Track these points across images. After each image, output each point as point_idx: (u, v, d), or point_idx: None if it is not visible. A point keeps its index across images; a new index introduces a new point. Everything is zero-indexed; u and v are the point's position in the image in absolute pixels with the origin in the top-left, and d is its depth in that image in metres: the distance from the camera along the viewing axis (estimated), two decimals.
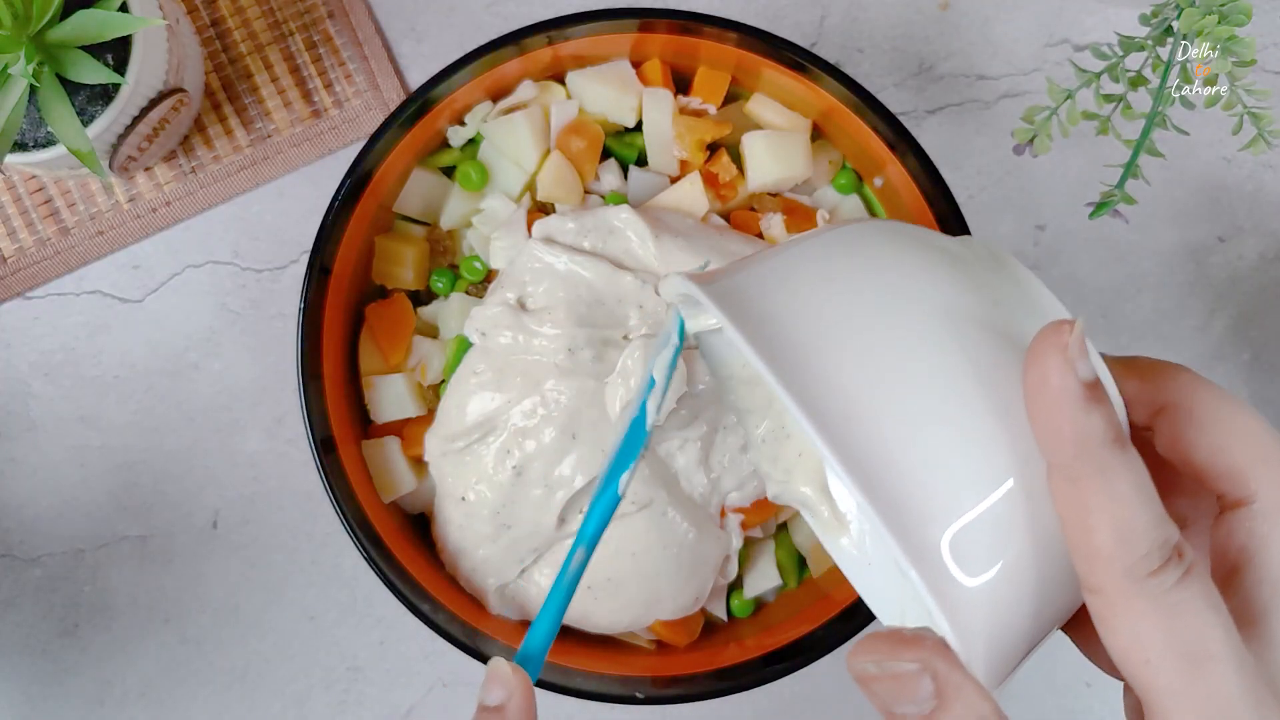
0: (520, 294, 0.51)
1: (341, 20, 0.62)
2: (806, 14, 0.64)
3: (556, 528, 0.51)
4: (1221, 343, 0.66)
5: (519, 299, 0.51)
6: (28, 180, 0.61)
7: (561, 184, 0.54)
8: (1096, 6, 0.64)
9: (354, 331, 0.56)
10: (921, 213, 0.54)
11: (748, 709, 0.64)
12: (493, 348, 0.51)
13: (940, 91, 0.64)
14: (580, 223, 0.52)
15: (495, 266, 0.54)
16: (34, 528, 0.62)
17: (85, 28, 0.48)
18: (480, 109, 0.55)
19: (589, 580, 0.53)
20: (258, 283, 0.63)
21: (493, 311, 0.51)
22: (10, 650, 0.62)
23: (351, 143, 0.62)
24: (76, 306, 0.62)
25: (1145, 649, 0.26)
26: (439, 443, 0.52)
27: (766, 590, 0.58)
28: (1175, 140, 0.57)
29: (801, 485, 0.41)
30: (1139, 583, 0.26)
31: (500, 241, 0.53)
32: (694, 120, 0.55)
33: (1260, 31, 0.65)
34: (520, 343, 0.51)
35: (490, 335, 0.51)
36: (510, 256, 0.53)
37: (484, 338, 0.51)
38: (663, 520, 0.52)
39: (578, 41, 0.53)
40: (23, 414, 0.62)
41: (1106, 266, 0.65)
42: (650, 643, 0.57)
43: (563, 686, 0.52)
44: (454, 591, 0.54)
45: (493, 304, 0.51)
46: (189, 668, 0.63)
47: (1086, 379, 0.26)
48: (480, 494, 0.51)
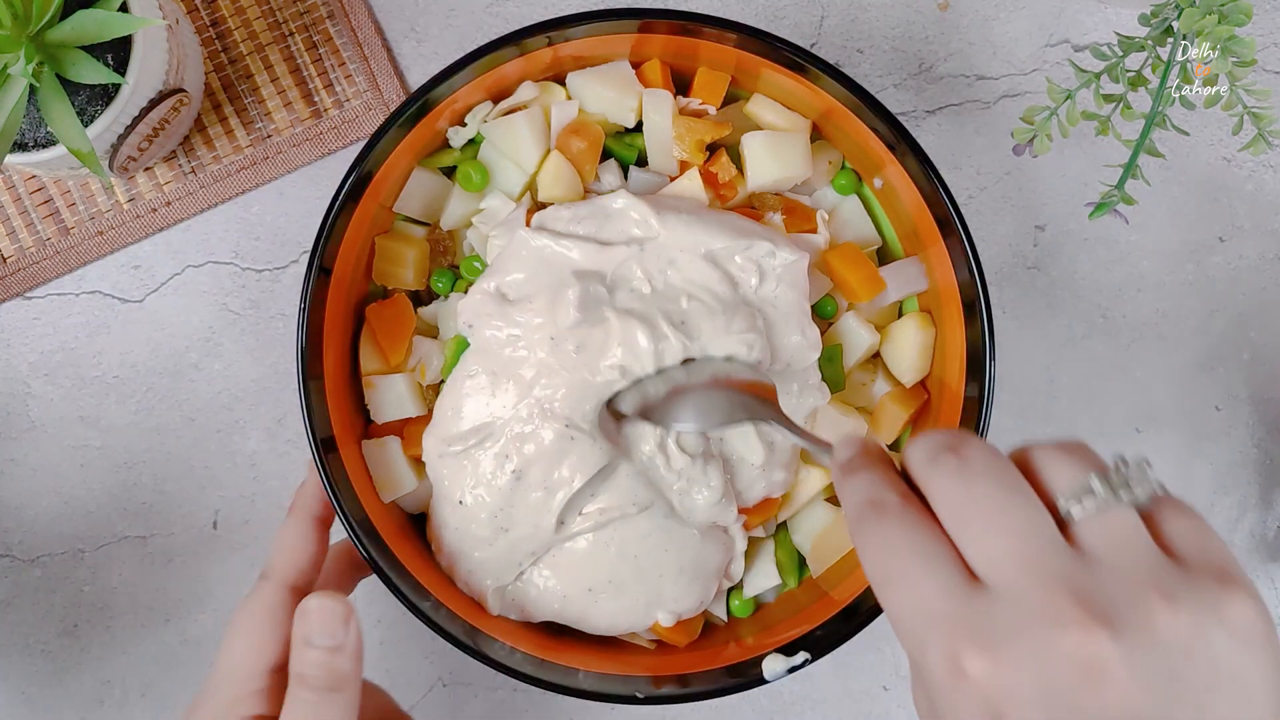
0: (500, 282, 0.51)
1: (342, 21, 0.62)
2: (806, 14, 0.64)
3: (555, 530, 0.51)
4: (1221, 343, 0.66)
5: (498, 286, 0.51)
6: (28, 180, 0.61)
7: (561, 184, 0.54)
8: (1096, 7, 0.64)
9: (354, 331, 0.56)
10: (921, 213, 0.54)
11: (748, 709, 0.64)
12: (483, 344, 0.51)
13: (940, 91, 0.64)
14: (575, 210, 0.52)
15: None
16: (34, 528, 0.62)
17: (85, 28, 0.48)
18: (480, 109, 0.55)
19: (589, 582, 0.53)
20: (258, 283, 0.63)
21: (473, 300, 0.51)
22: (10, 650, 0.62)
23: (352, 143, 0.62)
24: (76, 306, 0.62)
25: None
26: (436, 444, 0.52)
27: (766, 590, 0.58)
28: (1175, 140, 0.57)
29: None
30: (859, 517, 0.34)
31: (498, 240, 0.53)
32: (694, 121, 0.55)
33: (1260, 31, 0.65)
34: (506, 336, 0.51)
35: (477, 327, 0.51)
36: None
37: (472, 330, 0.51)
38: (665, 524, 0.52)
39: (578, 42, 0.53)
40: (23, 414, 0.62)
41: (1106, 266, 0.65)
42: (650, 643, 0.57)
43: (563, 686, 0.52)
44: (454, 591, 0.54)
45: (474, 292, 0.51)
46: (189, 668, 0.63)
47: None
48: (478, 498, 0.51)
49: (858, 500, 0.35)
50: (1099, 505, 0.32)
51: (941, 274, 0.54)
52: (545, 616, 0.54)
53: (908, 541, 0.33)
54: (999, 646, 0.30)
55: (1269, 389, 0.66)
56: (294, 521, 0.50)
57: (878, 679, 0.64)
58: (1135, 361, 0.66)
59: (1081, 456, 0.33)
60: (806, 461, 0.56)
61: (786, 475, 0.55)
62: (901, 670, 0.64)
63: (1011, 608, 0.31)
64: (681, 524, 0.53)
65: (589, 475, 0.50)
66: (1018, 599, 0.31)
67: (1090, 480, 0.32)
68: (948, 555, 0.32)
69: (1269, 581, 0.66)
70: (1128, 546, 0.32)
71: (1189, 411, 0.66)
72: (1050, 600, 0.30)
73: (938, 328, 0.56)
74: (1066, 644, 0.30)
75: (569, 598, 0.53)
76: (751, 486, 0.54)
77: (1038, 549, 0.31)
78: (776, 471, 0.54)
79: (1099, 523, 0.32)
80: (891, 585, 0.33)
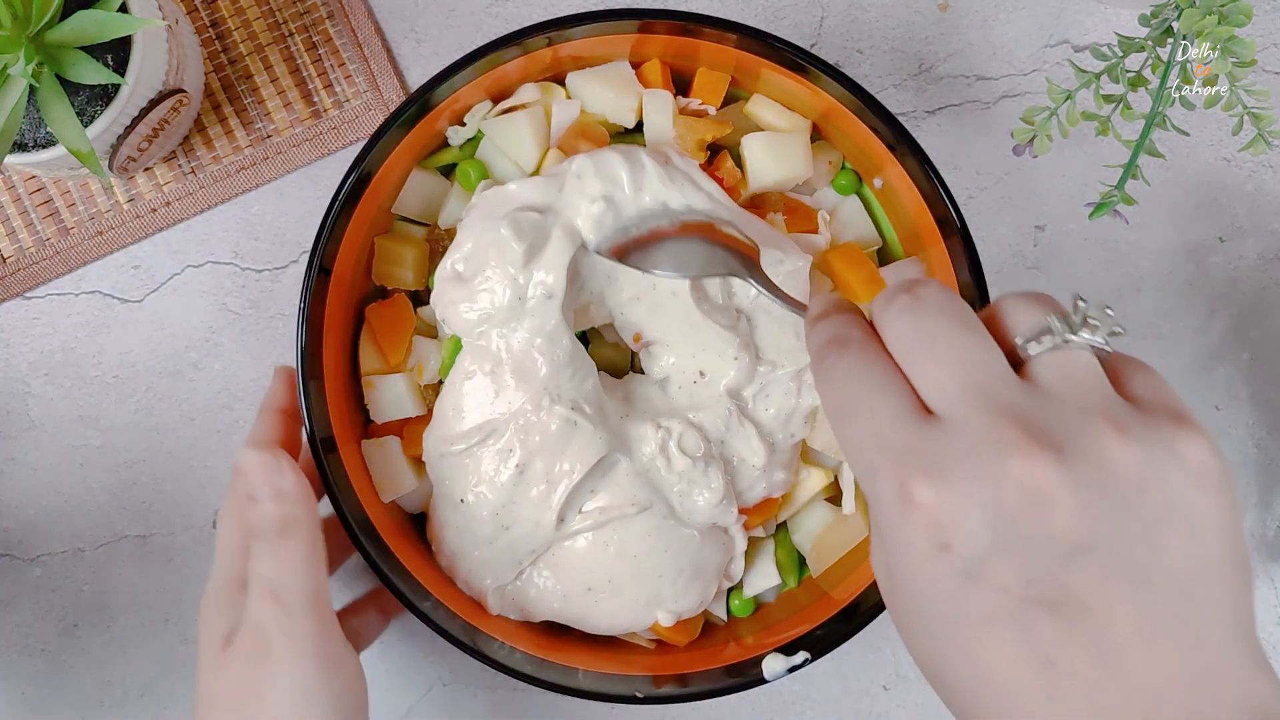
0: (454, 259, 0.51)
1: (341, 21, 0.62)
2: (806, 15, 0.64)
3: (556, 527, 0.51)
4: (1221, 343, 0.66)
5: (453, 265, 0.51)
6: (28, 180, 0.61)
7: None
8: (1096, 7, 0.64)
9: (354, 331, 0.56)
10: (921, 213, 0.54)
11: (747, 709, 0.64)
12: (471, 337, 0.51)
13: (940, 92, 0.64)
14: (535, 179, 0.52)
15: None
16: (34, 528, 0.62)
17: (85, 28, 0.48)
18: (480, 109, 0.55)
19: (589, 581, 0.53)
20: (258, 283, 0.63)
21: (437, 290, 0.52)
22: (10, 650, 0.62)
23: (352, 143, 0.62)
24: (76, 306, 0.62)
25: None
26: (437, 444, 0.52)
27: (766, 590, 0.58)
28: (1175, 140, 0.57)
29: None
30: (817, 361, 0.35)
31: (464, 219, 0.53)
32: (694, 121, 0.55)
33: (1260, 31, 0.65)
34: (477, 318, 0.51)
35: (450, 319, 0.51)
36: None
37: (445, 323, 0.52)
38: (664, 524, 0.52)
39: (578, 42, 0.53)
40: (23, 414, 0.62)
41: (1106, 266, 0.65)
42: (650, 642, 0.57)
43: (562, 686, 0.52)
44: (454, 591, 0.54)
45: (436, 281, 0.52)
46: (189, 668, 0.63)
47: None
48: (479, 496, 0.51)
49: (822, 339, 0.35)
50: (1054, 343, 0.32)
51: (942, 275, 0.54)
52: (545, 616, 0.54)
53: (863, 372, 0.33)
54: (945, 473, 0.30)
55: (1269, 389, 0.66)
56: (262, 416, 0.51)
57: (878, 679, 0.64)
58: None
59: (1044, 303, 0.33)
60: (806, 461, 0.56)
61: (787, 475, 0.55)
62: (901, 670, 0.64)
63: (959, 436, 0.31)
64: (682, 525, 0.53)
65: (589, 465, 0.50)
66: (965, 428, 0.31)
67: (1048, 320, 0.32)
68: (901, 387, 0.32)
69: (1269, 581, 0.66)
70: (1081, 381, 0.32)
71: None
72: (996, 427, 0.30)
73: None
74: (1013, 470, 0.30)
75: (568, 597, 0.53)
76: (752, 487, 0.54)
77: (987, 380, 0.31)
78: (777, 472, 0.54)
79: (1053, 358, 0.32)
80: (845, 415, 0.33)
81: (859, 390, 0.33)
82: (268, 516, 0.45)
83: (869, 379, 0.33)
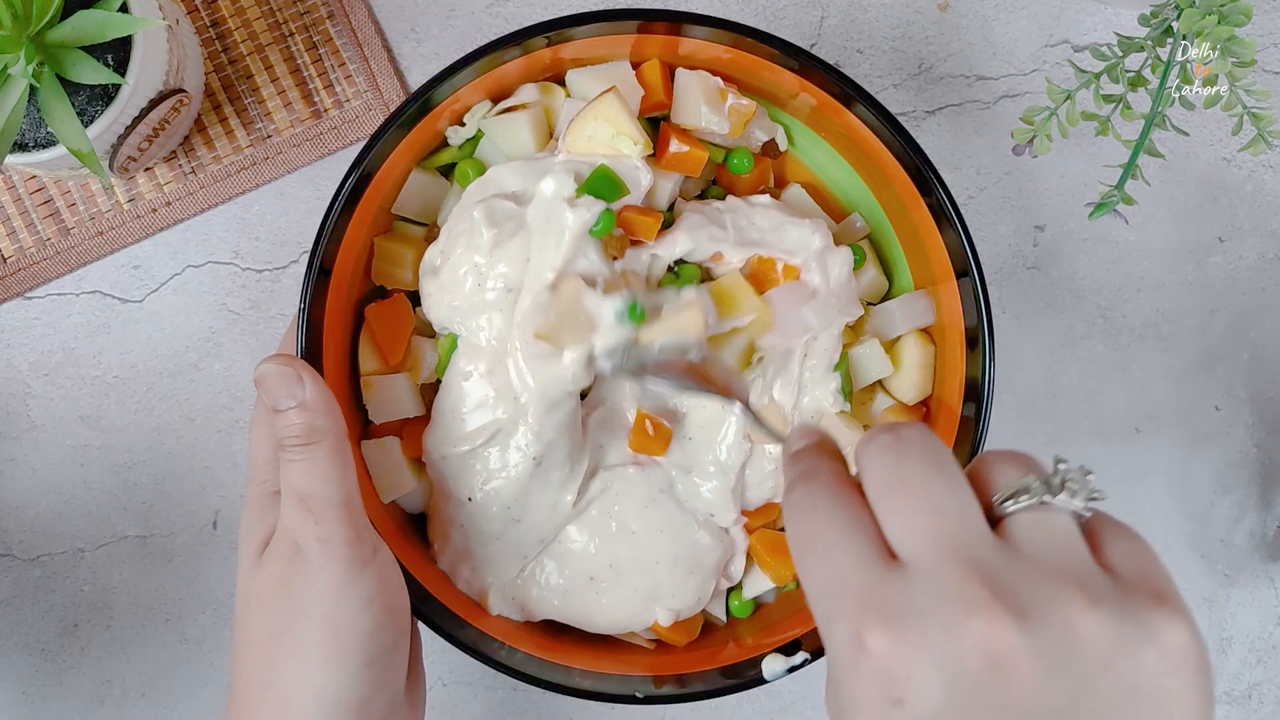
0: (431, 253, 0.52)
1: (342, 21, 0.62)
2: (806, 15, 0.64)
3: (576, 504, 0.52)
4: (1221, 343, 0.66)
5: (429, 259, 0.52)
6: (28, 180, 0.62)
7: None
8: (1096, 7, 0.64)
9: (354, 331, 0.56)
10: (921, 214, 0.54)
11: (748, 709, 0.64)
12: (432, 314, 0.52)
13: (940, 92, 0.64)
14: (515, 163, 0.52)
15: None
16: (34, 528, 0.62)
17: (85, 28, 0.48)
18: (479, 109, 0.55)
19: (591, 570, 0.53)
20: (258, 283, 0.63)
21: (420, 284, 0.52)
22: (10, 650, 0.62)
23: (352, 143, 0.63)
24: (76, 307, 0.62)
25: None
26: (438, 445, 0.52)
27: (765, 590, 0.58)
28: (1175, 140, 0.57)
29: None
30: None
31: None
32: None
33: (1260, 31, 0.65)
34: (449, 308, 0.51)
35: (428, 310, 0.52)
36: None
37: (429, 318, 0.52)
38: (662, 498, 0.53)
39: (578, 43, 0.53)
40: (23, 414, 0.62)
41: (1106, 266, 0.65)
42: (650, 642, 0.57)
43: (563, 686, 0.52)
44: (454, 591, 0.54)
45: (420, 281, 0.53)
46: (189, 668, 0.63)
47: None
48: (489, 492, 0.52)
49: (794, 473, 0.35)
50: (1030, 502, 0.31)
51: (948, 302, 0.54)
52: (546, 614, 0.55)
53: (828, 510, 0.32)
54: (903, 623, 0.29)
55: (1269, 389, 0.66)
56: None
57: None
58: (1135, 361, 0.66)
59: (1024, 463, 0.33)
60: None
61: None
62: None
63: (923, 587, 0.30)
64: (679, 506, 0.53)
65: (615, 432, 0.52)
66: (931, 579, 0.30)
67: (1027, 480, 0.32)
68: (867, 529, 0.32)
69: (1269, 581, 0.66)
70: (1056, 545, 0.31)
71: (1189, 411, 0.66)
72: (963, 582, 0.29)
73: (938, 345, 0.56)
74: (975, 629, 0.29)
75: (570, 591, 0.54)
76: (761, 484, 0.54)
77: (959, 532, 0.30)
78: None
79: (1029, 518, 0.31)
80: (806, 553, 0.32)
81: (822, 529, 0.32)
82: (293, 426, 0.45)
83: (833, 518, 0.32)
